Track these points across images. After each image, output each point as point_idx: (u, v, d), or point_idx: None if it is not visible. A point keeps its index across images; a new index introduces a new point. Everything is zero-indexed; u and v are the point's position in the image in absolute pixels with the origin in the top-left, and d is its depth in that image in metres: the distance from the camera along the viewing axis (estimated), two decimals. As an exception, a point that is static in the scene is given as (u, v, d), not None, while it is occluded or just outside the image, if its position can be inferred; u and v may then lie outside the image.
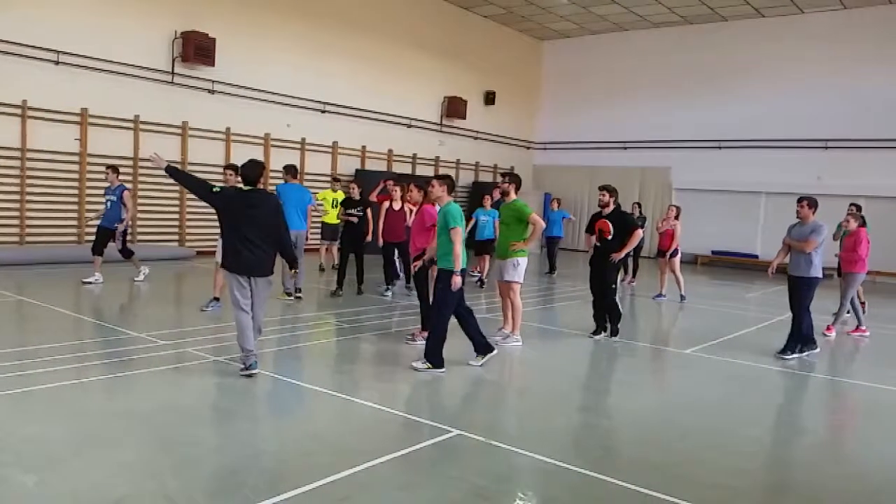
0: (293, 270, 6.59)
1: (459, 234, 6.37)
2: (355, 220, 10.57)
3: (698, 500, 3.94)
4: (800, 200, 7.97)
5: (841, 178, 18.52)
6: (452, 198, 6.70)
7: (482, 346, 6.78)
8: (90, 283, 10.27)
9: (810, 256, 7.73)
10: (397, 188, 10.76)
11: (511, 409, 5.91)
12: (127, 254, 10.80)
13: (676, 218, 12.22)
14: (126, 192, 10.51)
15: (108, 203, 10.50)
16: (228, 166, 8.92)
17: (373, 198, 11.17)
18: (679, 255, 12.28)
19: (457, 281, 6.31)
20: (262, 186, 6.15)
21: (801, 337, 7.92)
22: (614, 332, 8.37)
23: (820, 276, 7.84)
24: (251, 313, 5.92)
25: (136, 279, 10.81)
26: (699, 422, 5.54)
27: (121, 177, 13.60)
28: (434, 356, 6.41)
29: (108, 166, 10.79)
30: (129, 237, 10.95)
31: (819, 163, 19.17)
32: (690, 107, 21.39)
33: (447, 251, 6.40)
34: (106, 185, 10.83)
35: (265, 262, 5.93)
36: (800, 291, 7.86)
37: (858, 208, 9.97)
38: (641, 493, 3.98)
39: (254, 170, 6.05)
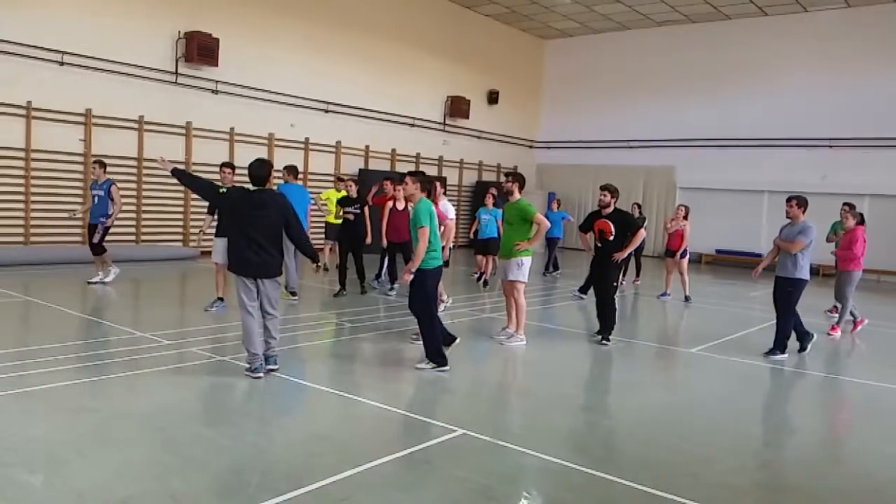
0: (316, 265, 6.53)
1: (425, 234, 6.32)
2: (351, 216, 10.57)
3: (704, 500, 3.93)
4: (788, 200, 7.84)
5: (846, 176, 18.47)
6: (429, 194, 6.70)
7: (445, 338, 6.76)
8: (94, 283, 10.29)
9: (796, 258, 7.64)
10: (400, 188, 10.73)
11: (516, 408, 5.91)
12: (99, 250, 10.34)
13: (685, 218, 12.13)
14: (113, 187, 10.29)
15: (96, 198, 10.33)
16: (225, 164, 8.88)
17: (369, 200, 11.11)
18: (688, 255, 12.24)
19: (406, 277, 6.37)
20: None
21: (787, 337, 7.85)
22: (606, 339, 8.10)
23: (806, 277, 7.73)
24: (255, 316, 5.86)
25: (103, 279, 10.31)
26: (704, 421, 5.53)
27: (125, 177, 13.79)
28: (435, 355, 6.42)
29: (95, 161, 10.61)
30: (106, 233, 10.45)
31: (824, 161, 19.11)
32: (694, 105, 21.36)
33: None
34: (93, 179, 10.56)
35: (271, 264, 5.87)
36: (785, 292, 7.77)
37: (851, 207, 9.88)
38: (647, 493, 3.97)
39: (263, 169, 6.00)
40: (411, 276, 6.32)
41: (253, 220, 5.78)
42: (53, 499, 3.57)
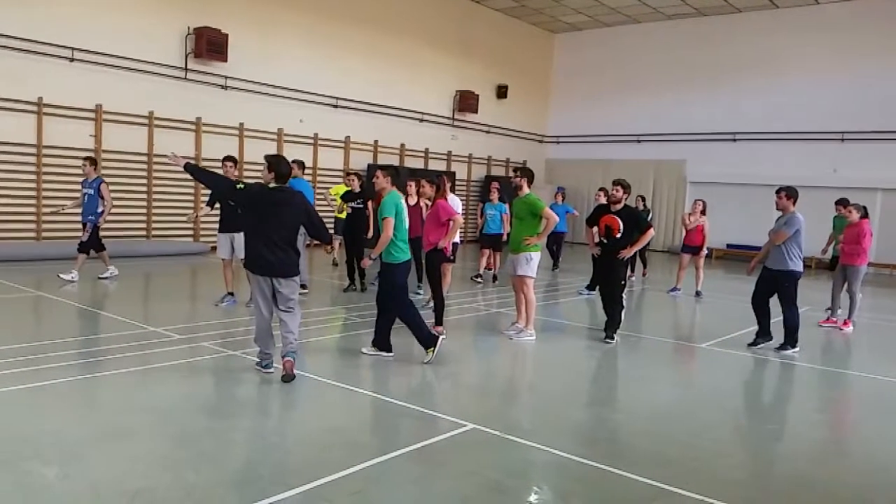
0: (327, 246, 6.53)
1: (389, 224, 6.41)
2: (350, 210, 10.58)
3: (714, 495, 3.92)
4: (778, 191, 7.82)
5: (857, 170, 18.35)
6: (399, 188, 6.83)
7: (383, 343, 6.72)
8: (105, 277, 10.36)
9: (786, 249, 7.61)
10: (411, 183, 10.71)
11: (526, 403, 5.91)
12: (86, 248, 10.22)
13: (703, 213, 12.04)
14: (103, 185, 10.26)
15: (86, 196, 10.28)
16: (227, 158, 8.80)
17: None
18: (706, 250, 12.17)
19: (365, 262, 6.73)
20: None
21: (796, 331, 7.81)
22: (610, 337, 7.94)
23: (798, 269, 7.70)
24: (267, 314, 5.81)
25: (62, 276, 10.06)
26: (715, 416, 5.52)
27: (136, 173, 13.88)
28: (426, 339, 6.49)
29: (86, 158, 10.54)
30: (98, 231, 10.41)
31: (835, 155, 18.98)
32: (705, 99, 21.24)
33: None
34: (86, 177, 10.44)
35: (286, 262, 5.71)
36: (782, 286, 7.73)
37: (846, 203, 9.79)
38: (657, 487, 3.97)
39: (288, 164, 5.92)
40: (370, 262, 6.66)
41: (270, 218, 5.68)
42: (68, 491, 3.60)
